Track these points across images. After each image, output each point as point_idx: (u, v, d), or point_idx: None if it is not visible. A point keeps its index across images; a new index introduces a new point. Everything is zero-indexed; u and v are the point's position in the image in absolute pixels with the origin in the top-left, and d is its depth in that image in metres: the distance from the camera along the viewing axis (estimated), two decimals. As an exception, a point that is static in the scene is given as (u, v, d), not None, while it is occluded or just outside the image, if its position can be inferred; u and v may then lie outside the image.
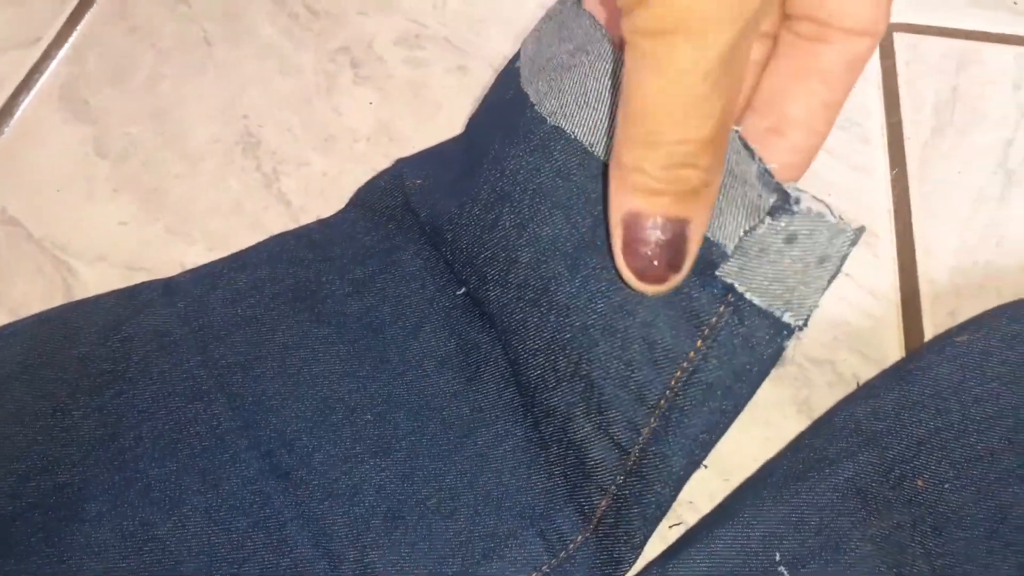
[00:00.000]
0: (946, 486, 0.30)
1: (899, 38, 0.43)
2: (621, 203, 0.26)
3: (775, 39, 0.28)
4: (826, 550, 0.29)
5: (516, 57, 0.33)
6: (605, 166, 0.29)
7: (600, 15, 0.29)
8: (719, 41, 0.21)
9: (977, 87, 0.41)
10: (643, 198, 0.25)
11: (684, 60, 0.22)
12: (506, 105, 0.33)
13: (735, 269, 0.27)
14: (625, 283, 0.27)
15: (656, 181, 0.24)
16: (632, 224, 0.26)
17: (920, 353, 0.33)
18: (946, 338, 0.33)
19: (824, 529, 0.29)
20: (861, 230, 0.27)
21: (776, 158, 0.27)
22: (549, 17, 0.32)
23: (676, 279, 0.26)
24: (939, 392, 0.31)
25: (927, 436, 0.31)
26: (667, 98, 0.23)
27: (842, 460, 0.30)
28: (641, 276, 0.26)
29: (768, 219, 0.26)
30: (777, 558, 0.29)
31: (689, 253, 0.26)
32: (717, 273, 0.27)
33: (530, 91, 0.31)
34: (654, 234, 0.25)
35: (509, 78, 0.33)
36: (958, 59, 0.42)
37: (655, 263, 0.26)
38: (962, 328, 0.33)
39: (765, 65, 0.29)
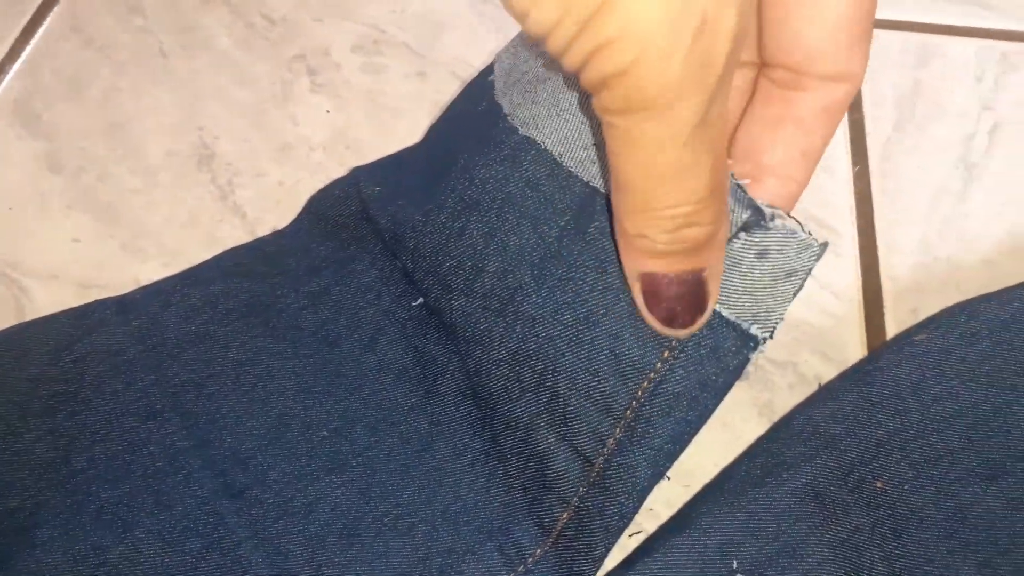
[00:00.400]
0: (905, 487, 0.30)
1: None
2: (634, 266, 0.26)
3: (754, 84, 0.28)
4: (783, 556, 0.29)
5: (487, 70, 0.33)
6: (572, 176, 0.29)
7: None
8: (689, 110, 0.21)
9: (939, 81, 0.41)
10: (653, 260, 0.25)
11: (658, 134, 0.21)
12: (478, 116, 0.33)
13: None
14: (655, 330, 0.27)
15: (663, 245, 0.24)
16: (649, 281, 0.26)
17: (879, 353, 0.32)
18: (905, 337, 0.32)
19: (781, 535, 0.29)
20: (825, 245, 0.27)
21: None
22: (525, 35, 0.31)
23: (702, 320, 0.27)
24: (898, 392, 0.31)
25: (886, 437, 0.30)
26: (652, 169, 0.22)
27: (800, 464, 0.30)
28: (668, 324, 0.27)
29: (743, 234, 0.26)
30: (734, 566, 0.29)
31: (710, 295, 0.26)
32: None
33: (504, 102, 0.31)
34: (672, 288, 0.25)
35: (480, 91, 0.33)
36: (919, 53, 0.42)
37: (678, 311, 0.26)
38: (921, 327, 0.33)
39: (743, 113, 0.28)
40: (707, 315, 0.26)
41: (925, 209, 0.37)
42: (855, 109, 0.40)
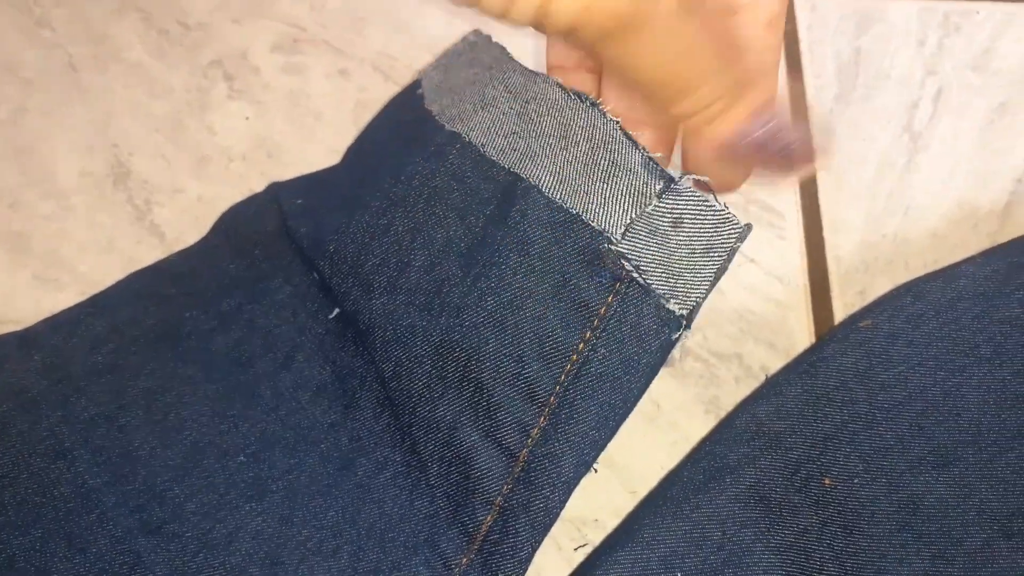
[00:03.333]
0: (855, 481, 0.28)
1: (800, 0, 0.41)
2: (709, 145, 0.27)
3: None
4: (729, 566, 0.28)
5: (413, 85, 0.34)
6: (494, 164, 0.30)
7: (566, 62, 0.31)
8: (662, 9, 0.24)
9: (880, 47, 0.39)
10: (712, 128, 0.27)
11: (643, 43, 0.25)
12: (405, 125, 0.33)
13: (625, 249, 0.28)
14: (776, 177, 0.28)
15: (713, 108, 0.26)
16: (728, 144, 0.27)
17: (824, 343, 0.31)
18: (850, 324, 0.31)
19: (726, 544, 0.28)
20: (748, 227, 0.28)
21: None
22: (458, 53, 0.33)
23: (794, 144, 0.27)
24: (844, 383, 0.30)
25: (834, 431, 0.29)
26: (660, 67, 0.26)
27: (743, 467, 0.29)
28: (775, 166, 0.27)
29: (656, 200, 0.28)
30: (679, 578, 0.27)
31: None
32: (610, 248, 0.28)
33: (434, 108, 0.32)
34: (753, 130, 0.27)
35: (408, 102, 0.34)
36: (860, 20, 0.40)
37: (767, 146, 0.27)
38: (866, 312, 0.31)
39: None
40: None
41: (870, 183, 0.36)
42: (795, 79, 0.39)
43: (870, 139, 0.37)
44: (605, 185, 0.28)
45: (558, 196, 0.29)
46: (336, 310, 0.32)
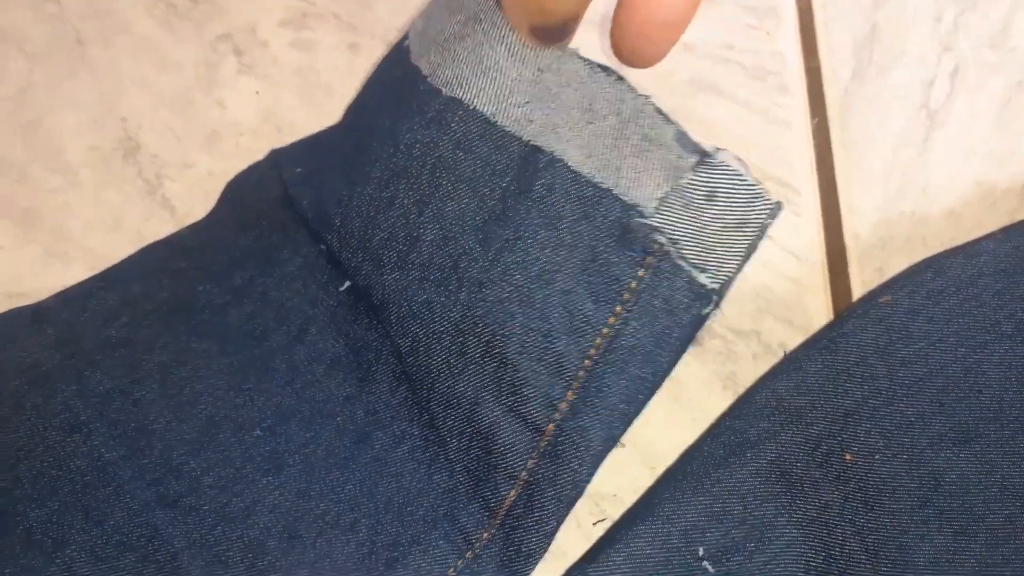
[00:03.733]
0: (876, 457, 0.28)
1: (814, -23, 0.40)
2: None
3: None
4: (750, 540, 0.27)
5: (404, 38, 0.32)
6: (507, 135, 0.29)
7: None
8: None
9: (897, 24, 0.39)
10: None
11: None
12: (395, 82, 0.32)
13: (658, 223, 0.28)
14: None
15: None
16: None
17: (844, 318, 0.31)
18: (870, 300, 0.31)
19: (748, 518, 0.28)
20: (779, 205, 0.28)
21: None
22: None
23: None
24: (865, 358, 0.30)
25: (854, 407, 0.29)
26: None
27: (764, 441, 0.29)
28: None
29: (690, 174, 0.27)
30: (700, 553, 0.28)
31: None
32: (642, 222, 0.28)
33: (422, 64, 0.30)
34: None
35: (397, 57, 0.32)
36: (876, -6, 0.40)
37: None
38: (886, 287, 0.31)
39: None
40: None
41: (887, 161, 0.36)
42: (811, 57, 0.38)
43: (886, 117, 0.36)
44: (637, 160, 0.28)
45: (585, 170, 0.28)
46: (347, 283, 0.32)
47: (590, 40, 0.32)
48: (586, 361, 0.28)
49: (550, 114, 0.29)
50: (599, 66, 0.29)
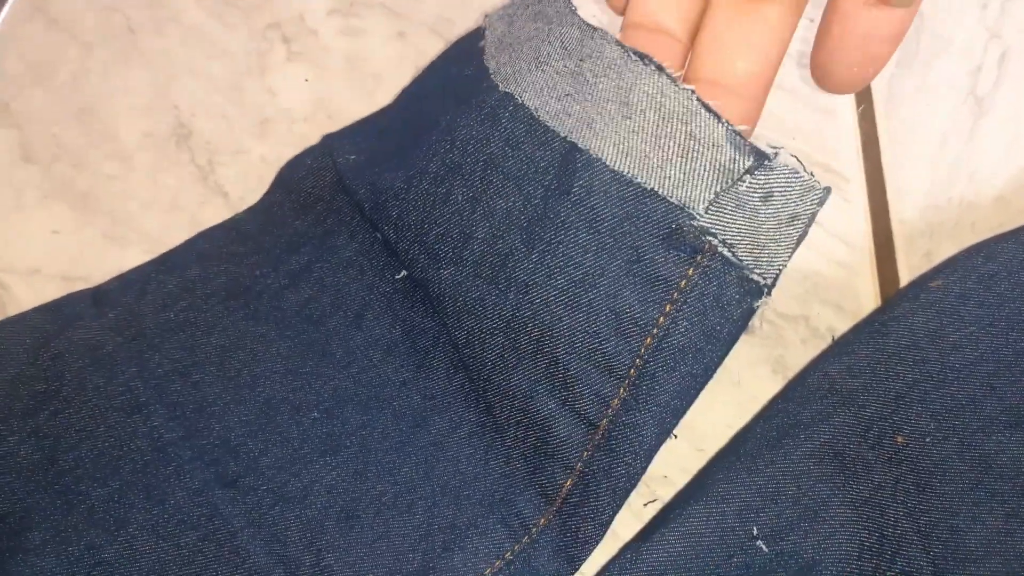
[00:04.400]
0: (927, 440, 0.28)
1: (858, -34, 0.40)
2: None
3: None
4: (804, 520, 0.28)
5: (475, 34, 0.32)
6: (548, 131, 0.29)
7: None
8: None
9: (943, 11, 0.39)
10: None
11: None
12: (462, 79, 0.32)
13: (708, 224, 0.27)
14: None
15: None
16: None
17: (894, 302, 0.31)
18: (920, 284, 0.31)
19: (802, 498, 0.28)
20: (828, 190, 0.27)
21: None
22: (525, 3, 0.31)
23: None
24: (916, 342, 0.30)
25: (905, 390, 0.29)
26: None
27: (817, 423, 0.29)
28: None
29: (748, 177, 0.27)
30: (754, 532, 0.28)
31: None
32: (693, 224, 0.27)
33: (491, 64, 0.31)
34: None
35: (467, 54, 0.32)
36: (921, -18, 0.40)
37: None
38: (936, 272, 0.31)
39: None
40: None
41: (934, 148, 0.36)
42: (856, 47, 0.38)
43: (933, 104, 0.37)
44: (683, 160, 0.27)
45: (625, 169, 0.28)
46: (403, 272, 0.32)
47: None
48: (637, 360, 0.28)
49: (587, 107, 0.28)
50: (634, 53, 0.28)
